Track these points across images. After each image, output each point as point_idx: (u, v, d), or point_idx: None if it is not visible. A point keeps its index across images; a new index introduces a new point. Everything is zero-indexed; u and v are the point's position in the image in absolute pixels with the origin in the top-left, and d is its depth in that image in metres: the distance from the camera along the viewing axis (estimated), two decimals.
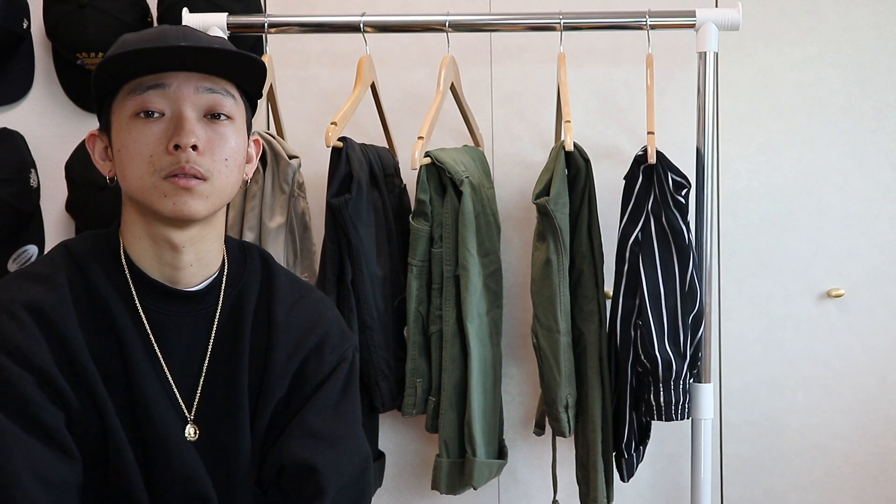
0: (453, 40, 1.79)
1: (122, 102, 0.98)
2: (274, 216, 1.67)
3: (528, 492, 2.13)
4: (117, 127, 0.98)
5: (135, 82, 0.96)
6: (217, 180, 0.98)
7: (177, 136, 0.95)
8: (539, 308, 1.74)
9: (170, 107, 0.97)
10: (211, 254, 1.05)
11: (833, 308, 2.10)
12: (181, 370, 1.04)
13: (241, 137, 1.02)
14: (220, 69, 0.99)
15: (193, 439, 1.03)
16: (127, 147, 0.97)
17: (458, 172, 1.69)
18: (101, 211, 1.93)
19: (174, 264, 1.02)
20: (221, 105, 0.99)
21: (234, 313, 1.07)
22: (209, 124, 0.98)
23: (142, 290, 1.02)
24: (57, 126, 2.11)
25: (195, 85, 0.97)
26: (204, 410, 1.04)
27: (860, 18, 2.07)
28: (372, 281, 1.68)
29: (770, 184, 2.10)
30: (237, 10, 1.95)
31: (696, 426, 1.78)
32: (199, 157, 0.96)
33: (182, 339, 1.04)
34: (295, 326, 1.10)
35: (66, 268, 1.01)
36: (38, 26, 2.06)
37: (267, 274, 1.12)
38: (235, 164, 1.01)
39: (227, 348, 1.06)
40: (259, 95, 1.07)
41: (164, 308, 1.03)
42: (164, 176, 0.95)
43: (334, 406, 1.10)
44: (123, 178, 0.99)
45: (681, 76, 2.06)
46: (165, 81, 0.96)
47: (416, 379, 1.76)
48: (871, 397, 2.11)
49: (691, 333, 1.72)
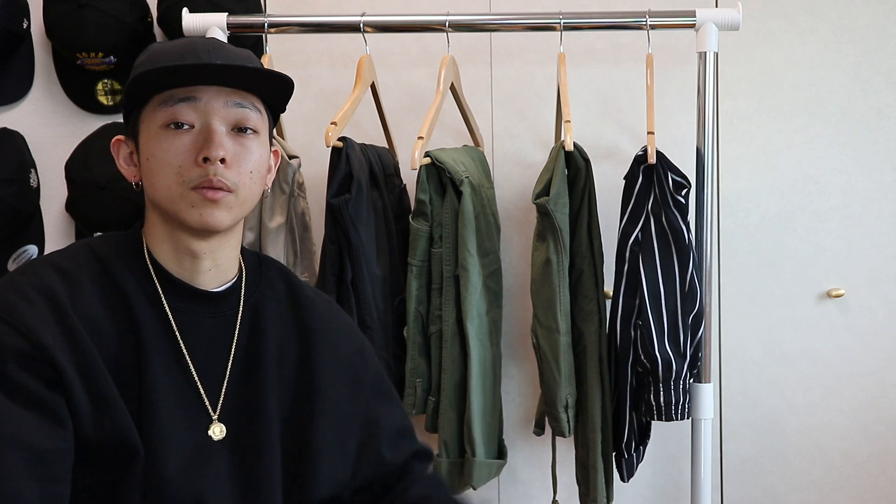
0: (453, 40, 1.79)
1: (152, 112, 1.00)
2: (274, 216, 1.67)
3: (528, 492, 2.13)
4: (146, 136, 1.01)
5: (166, 94, 0.99)
6: (242, 192, 1.01)
7: (206, 148, 0.98)
8: (539, 308, 1.74)
9: (199, 119, 0.99)
10: (228, 261, 1.08)
11: (833, 308, 2.10)
12: (208, 369, 1.05)
13: (265, 150, 1.06)
14: (252, 86, 1.02)
15: (218, 438, 1.04)
16: (156, 157, 0.99)
17: (458, 172, 1.69)
18: (101, 211, 1.93)
19: (192, 269, 1.05)
20: (248, 119, 1.02)
21: (255, 318, 1.10)
22: (236, 137, 1.01)
23: (166, 287, 1.04)
24: (57, 126, 2.11)
25: (225, 99, 1.00)
26: (230, 410, 1.05)
27: (860, 18, 2.07)
28: (372, 281, 1.68)
29: (770, 184, 2.10)
30: (237, 10, 1.95)
31: (696, 426, 1.78)
32: (227, 170, 0.99)
33: (203, 338, 1.06)
34: (333, 330, 1.15)
35: (87, 265, 1.02)
36: (38, 26, 2.06)
37: (290, 285, 1.16)
38: (259, 175, 1.04)
39: (250, 353, 1.08)
40: (283, 110, 1.10)
41: (188, 307, 1.05)
42: (192, 187, 0.98)
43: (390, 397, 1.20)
44: (151, 186, 1.01)
45: (681, 76, 2.06)
46: (196, 95, 0.99)
47: (416, 379, 1.76)
48: (871, 397, 2.11)
49: (691, 333, 1.72)
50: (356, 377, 1.15)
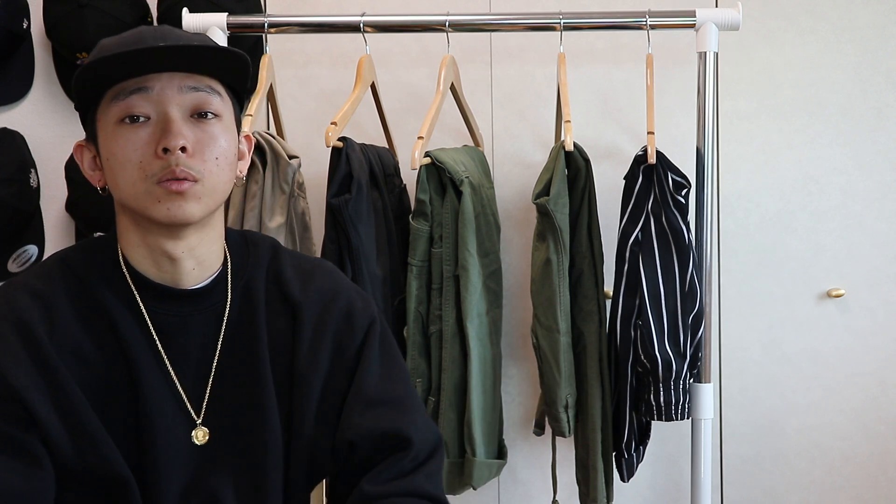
0: (453, 40, 1.79)
1: (106, 109, 0.96)
2: (274, 216, 1.67)
3: (528, 492, 2.13)
4: (104, 135, 0.96)
5: (117, 88, 0.95)
6: (209, 180, 0.96)
7: (164, 139, 0.93)
8: (539, 308, 1.74)
9: (155, 110, 0.94)
10: (211, 256, 1.03)
11: (833, 308, 2.10)
12: (192, 372, 1.01)
13: (231, 135, 1.00)
14: (202, 66, 0.97)
15: (202, 443, 1.01)
16: (115, 155, 0.95)
17: (458, 172, 1.69)
18: (101, 211, 1.93)
19: (174, 271, 1.01)
20: (207, 103, 0.97)
21: (244, 304, 1.05)
22: (197, 124, 0.96)
23: (145, 293, 1.00)
24: (57, 126, 2.11)
25: (178, 85, 0.95)
26: (216, 411, 1.02)
27: (860, 18, 2.07)
28: (372, 281, 1.68)
29: (770, 184, 2.10)
30: (237, 10, 1.95)
31: (696, 426, 1.78)
32: (189, 159, 0.94)
33: (192, 339, 1.02)
34: (315, 301, 1.07)
35: (63, 282, 0.99)
36: (38, 26, 2.06)
37: (272, 258, 1.10)
38: (226, 162, 0.98)
39: (241, 342, 1.04)
40: (244, 90, 1.04)
41: (171, 309, 1.01)
42: (157, 181, 0.93)
43: (381, 369, 1.07)
44: (115, 186, 0.97)
45: (681, 76, 2.06)
46: (148, 84, 0.94)
47: (416, 379, 1.76)
48: (871, 397, 2.11)
49: (691, 333, 1.72)
50: (340, 347, 1.07)
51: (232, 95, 1.02)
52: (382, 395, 1.05)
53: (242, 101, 1.06)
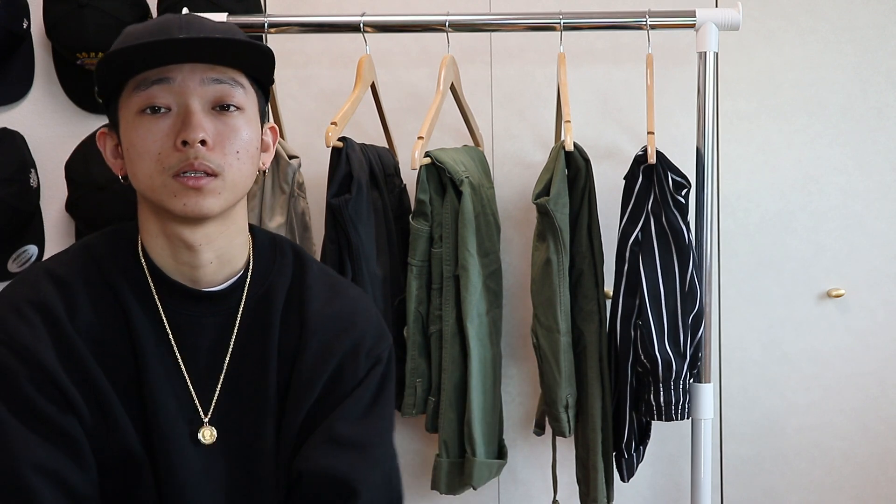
0: (453, 40, 1.79)
1: (127, 99, 0.95)
2: (274, 216, 1.67)
3: (528, 492, 2.13)
4: (125, 124, 0.95)
5: (139, 77, 0.93)
6: (229, 175, 0.94)
7: (184, 131, 0.91)
8: (539, 308, 1.74)
9: (176, 101, 0.93)
10: (233, 250, 1.01)
11: (833, 308, 2.10)
12: (203, 371, 1.01)
13: (253, 127, 0.98)
14: (225, 58, 0.95)
15: (209, 442, 1.00)
16: (135, 145, 0.93)
17: (458, 172, 1.69)
18: (101, 211, 1.93)
19: (192, 263, 0.99)
20: (230, 96, 0.95)
21: (259, 312, 1.03)
22: (218, 116, 0.95)
23: (162, 289, 0.99)
24: (57, 126, 2.11)
25: (200, 77, 0.94)
26: (224, 412, 1.01)
27: (860, 18, 2.07)
28: (372, 281, 1.68)
29: (770, 184, 2.10)
30: (237, 10, 1.95)
31: (696, 426, 1.78)
32: (209, 153, 0.92)
33: (205, 340, 1.01)
34: (327, 328, 1.05)
35: (83, 269, 0.98)
36: (38, 26, 2.06)
37: (299, 270, 1.07)
38: (248, 155, 0.97)
39: (252, 348, 1.02)
40: (270, 82, 1.03)
41: (185, 308, 1.00)
42: (174, 174, 0.92)
43: (365, 411, 1.04)
44: (134, 176, 0.95)
45: (681, 76, 2.06)
46: (170, 75, 0.93)
47: (416, 379, 1.76)
48: (871, 397, 2.11)
49: (691, 333, 1.72)
50: (337, 378, 1.04)
51: (257, 87, 1.01)
52: (351, 437, 1.02)
53: (268, 93, 1.05)
